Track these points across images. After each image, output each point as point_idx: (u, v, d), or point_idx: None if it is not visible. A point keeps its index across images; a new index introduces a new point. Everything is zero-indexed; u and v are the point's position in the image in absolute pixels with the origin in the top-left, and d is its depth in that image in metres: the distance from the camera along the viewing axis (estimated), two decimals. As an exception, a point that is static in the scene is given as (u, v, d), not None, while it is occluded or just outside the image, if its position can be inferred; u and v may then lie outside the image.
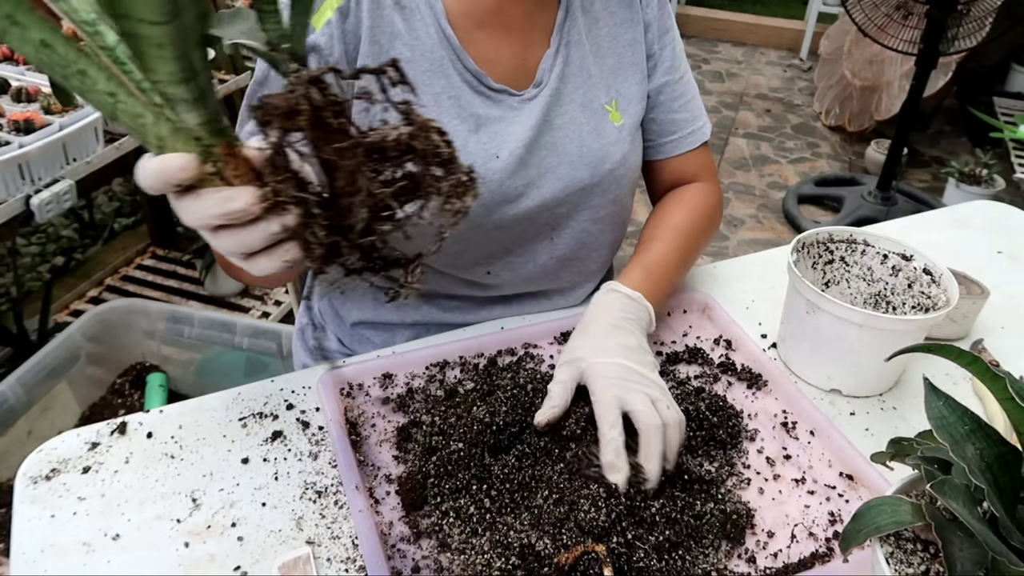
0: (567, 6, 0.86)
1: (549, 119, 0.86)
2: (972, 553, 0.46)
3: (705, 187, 0.98)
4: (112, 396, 1.69)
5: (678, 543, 0.61)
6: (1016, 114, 3.07)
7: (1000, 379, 0.48)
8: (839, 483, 0.70)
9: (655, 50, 0.93)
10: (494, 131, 0.83)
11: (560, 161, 0.86)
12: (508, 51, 0.85)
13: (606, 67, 0.89)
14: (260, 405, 0.77)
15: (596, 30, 0.89)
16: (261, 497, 0.68)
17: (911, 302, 0.83)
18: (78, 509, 0.66)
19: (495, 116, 0.84)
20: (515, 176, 0.84)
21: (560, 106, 0.86)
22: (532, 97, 0.85)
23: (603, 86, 0.89)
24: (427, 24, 0.81)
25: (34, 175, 1.47)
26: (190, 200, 0.46)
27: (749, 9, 4.72)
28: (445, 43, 0.81)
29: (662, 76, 0.93)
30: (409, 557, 0.62)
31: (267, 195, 0.46)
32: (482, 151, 0.82)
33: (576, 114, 0.87)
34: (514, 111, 0.84)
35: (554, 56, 0.86)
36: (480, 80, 0.83)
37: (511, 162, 0.83)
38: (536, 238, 0.89)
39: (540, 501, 0.63)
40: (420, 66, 0.81)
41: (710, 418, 0.73)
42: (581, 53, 0.87)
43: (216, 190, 0.46)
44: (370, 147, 0.47)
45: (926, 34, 2.39)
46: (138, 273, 2.21)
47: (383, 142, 0.47)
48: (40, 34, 0.38)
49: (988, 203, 1.22)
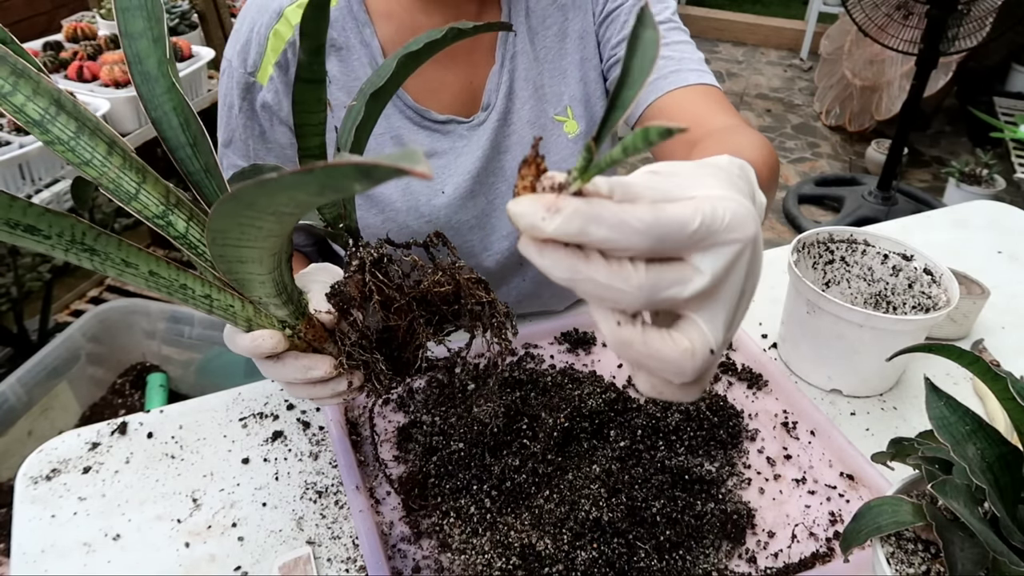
0: (508, 15, 0.82)
1: (497, 143, 0.82)
2: (973, 553, 0.46)
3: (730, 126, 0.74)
4: (112, 396, 1.69)
5: (679, 543, 0.61)
6: (1016, 114, 3.06)
7: (1001, 379, 0.48)
8: (840, 483, 0.69)
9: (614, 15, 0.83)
10: (441, 165, 0.81)
11: (510, 186, 0.83)
12: (453, 76, 0.81)
13: (556, 71, 0.84)
14: (260, 405, 0.77)
15: (544, 31, 0.83)
16: (262, 497, 0.68)
17: (911, 302, 0.83)
18: (78, 509, 0.66)
19: (444, 149, 0.81)
20: (463, 209, 0.82)
21: (507, 127, 0.83)
22: (481, 122, 0.82)
23: (554, 95, 0.84)
24: (363, 64, 0.78)
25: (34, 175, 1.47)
26: (275, 365, 0.52)
27: (749, 9, 4.72)
28: None
29: (620, 31, 0.83)
30: (409, 557, 0.62)
31: (342, 363, 0.53)
32: (426, 188, 0.80)
33: (524, 133, 0.83)
34: (463, 140, 0.82)
35: (499, 73, 0.82)
36: (424, 116, 0.80)
37: (457, 196, 0.81)
38: (505, 266, 0.88)
39: (540, 501, 0.63)
40: None
41: (711, 418, 0.73)
42: (527, 63, 0.83)
43: (297, 358, 0.52)
44: (421, 299, 0.54)
45: (926, 34, 2.39)
46: (138, 273, 2.21)
47: (432, 295, 0.55)
48: (147, 267, 0.44)
49: (988, 203, 1.22)
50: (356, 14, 0.77)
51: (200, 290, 0.47)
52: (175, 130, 0.52)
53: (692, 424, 0.72)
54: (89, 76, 1.71)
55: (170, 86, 0.52)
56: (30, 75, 0.46)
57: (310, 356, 0.52)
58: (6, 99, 0.45)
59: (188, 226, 0.50)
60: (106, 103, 1.61)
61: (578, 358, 0.84)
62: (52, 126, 0.46)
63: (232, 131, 0.81)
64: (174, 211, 0.49)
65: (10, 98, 0.46)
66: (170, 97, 0.52)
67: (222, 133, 0.82)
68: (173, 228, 0.49)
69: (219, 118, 0.82)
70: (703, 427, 0.72)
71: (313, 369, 0.52)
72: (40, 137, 0.46)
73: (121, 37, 0.52)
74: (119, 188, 0.48)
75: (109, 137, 0.48)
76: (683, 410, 0.72)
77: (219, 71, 0.82)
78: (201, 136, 0.52)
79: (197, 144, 0.52)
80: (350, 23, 0.77)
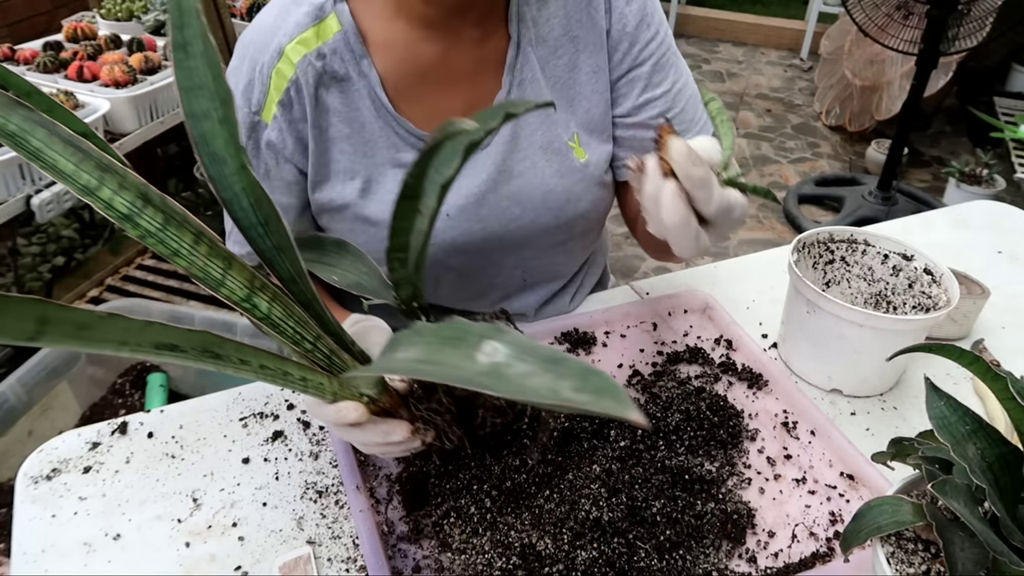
0: (518, 42, 0.80)
1: (508, 167, 0.82)
2: (973, 553, 0.46)
3: None
4: (113, 396, 1.69)
5: (679, 543, 0.61)
6: (1016, 114, 3.06)
7: (1001, 379, 0.48)
8: (840, 483, 0.69)
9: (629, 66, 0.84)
10: None
11: (524, 210, 0.83)
12: (458, 101, 0.81)
13: (565, 100, 0.83)
14: (261, 405, 0.77)
15: (555, 60, 0.82)
16: (262, 497, 0.68)
17: (912, 302, 0.83)
18: (79, 509, 0.66)
19: None
20: (468, 233, 0.82)
21: (517, 152, 0.82)
22: (485, 146, 0.81)
23: (564, 122, 0.83)
24: (362, 95, 0.78)
25: (35, 175, 1.47)
26: (355, 431, 0.56)
27: (749, 9, 4.72)
28: (383, 111, 0.78)
29: (640, 95, 0.84)
30: (410, 557, 0.62)
31: (417, 428, 0.57)
32: None
33: (537, 158, 0.82)
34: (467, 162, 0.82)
35: (506, 98, 0.81)
36: (425, 141, 0.79)
37: (462, 219, 0.81)
38: (509, 282, 0.89)
39: (541, 501, 0.63)
40: (360, 138, 0.79)
41: (711, 418, 0.73)
42: (536, 90, 0.82)
43: (376, 423, 0.56)
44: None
45: (927, 34, 2.39)
46: (139, 273, 2.21)
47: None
48: (258, 361, 0.48)
49: (989, 203, 1.22)
50: (353, 46, 0.77)
51: (297, 373, 0.52)
52: (245, 210, 0.54)
53: (692, 424, 0.72)
54: (89, 76, 1.71)
55: (240, 167, 0.53)
56: (115, 169, 0.48)
57: (388, 422, 0.56)
58: (94, 194, 0.47)
59: (271, 307, 0.52)
60: (106, 103, 1.61)
61: (578, 358, 0.84)
62: (140, 219, 0.48)
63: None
64: (257, 294, 0.52)
65: (97, 193, 0.47)
66: (240, 178, 0.53)
67: (229, 223, 0.82)
68: (257, 310, 0.52)
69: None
70: (703, 427, 0.72)
71: (392, 434, 0.56)
72: (131, 232, 0.48)
73: (186, 117, 0.53)
74: (207, 275, 0.50)
75: (196, 228, 0.49)
76: (683, 410, 0.73)
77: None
78: (273, 216, 0.54)
79: (269, 224, 0.54)
80: (347, 54, 0.77)
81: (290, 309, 0.53)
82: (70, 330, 0.37)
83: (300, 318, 0.54)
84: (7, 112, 0.47)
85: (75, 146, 0.47)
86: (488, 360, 0.39)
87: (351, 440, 0.59)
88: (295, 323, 0.54)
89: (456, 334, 0.45)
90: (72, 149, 0.47)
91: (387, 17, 0.78)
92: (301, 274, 0.57)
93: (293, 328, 0.54)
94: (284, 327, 0.53)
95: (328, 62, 0.77)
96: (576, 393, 0.34)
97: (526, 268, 0.89)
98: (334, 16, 0.77)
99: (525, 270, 0.90)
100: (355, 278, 0.67)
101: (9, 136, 0.47)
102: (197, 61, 0.53)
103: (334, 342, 0.57)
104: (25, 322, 0.35)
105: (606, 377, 0.35)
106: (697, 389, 0.78)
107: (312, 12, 0.77)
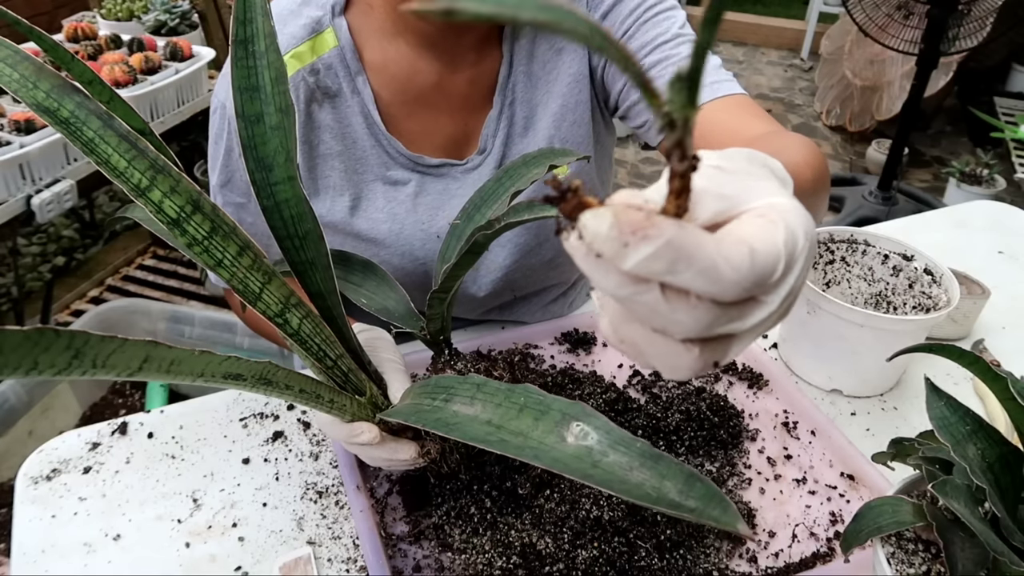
0: (510, 60, 0.80)
1: None
2: (973, 553, 0.46)
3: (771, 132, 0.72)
4: (113, 396, 1.69)
5: (679, 542, 0.61)
6: (1017, 114, 3.06)
7: (1001, 379, 0.48)
8: (840, 483, 0.69)
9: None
10: (433, 204, 0.81)
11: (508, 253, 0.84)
12: (448, 120, 0.81)
13: (549, 112, 0.82)
14: (261, 405, 0.77)
15: (545, 76, 0.82)
16: (262, 497, 0.68)
17: (912, 302, 0.83)
18: (79, 509, 0.66)
19: (436, 189, 0.81)
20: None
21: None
22: (476, 166, 0.81)
23: (546, 138, 0.82)
24: (355, 112, 0.78)
25: (35, 175, 1.47)
26: (367, 448, 0.59)
27: (750, 9, 4.72)
28: (375, 129, 0.78)
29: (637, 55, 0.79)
30: (410, 557, 0.62)
31: (424, 451, 0.60)
32: (420, 232, 0.81)
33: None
34: (457, 182, 0.82)
35: (497, 119, 0.81)
36: (416, 162, 0.80)
37: None
38: (492, 293, 0.89)
39: (541, 500, 0.63)
40: (351, 155, 0.79)
41: (711, 418, 0.73)
42: (525, 111, 0.82)
43: (385, 441, 0.58)
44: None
45: (927, 34, 2.39)
46: (139, 273, 2.21)
47: None
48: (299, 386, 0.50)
49: (989, 203, 1.22)
50: (349, 62, 0.77)
51: (327, 396, 0.54)
52: (285, 222, 0.54)
53: (692, 424, 0.72)
54: (89, 76, 1.71)
55: (287, 177, 0.53)
56: (169, 171, 0.46)
57: (398, 442, 0.59)
58: (145, 195, 0.46)
59: (301, 323, 0.53)
60: (106, 103, 1.61)
61: (578, 358, 0.84)
62: (188, 225, 0.47)
63: (232, 172, 0.81)
64: (291, 310, 0.52)
65: (148, 194, 0.46)
66: (285, 188, 0.53)
67: (219, 174, 0.81)
68: (288, 325, 0.52)
69: (212, 158, 0.82)
70: (703, 427, 0.72)
71: (399, 452, 0.59)
72: (178, 238, 0.47)
73: (237, 117, 0.53)
74: (247, 288, 0.50)
75: (243, 240, 0.49)
76: (683, 410, 0.72)
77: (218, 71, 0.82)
78: (314, 233, 0.55)
79: (307, 238, 0.55)
80: (342, 70, 0.77)
81: (319, 327, 0.54)
82: (164, 365, 0.38)
83: (327, 336, 0.54)
84: (61, 96, 0.45)
85: (130, 142, 0.46)
86: (578, 443, 0.37)
87: (359, 454, 0.61)
88: (322, 340, 0.54)
89: (535, 404, 0.43)
90: (127, 145, 0.46)
91: (386, 34, 0.77)
92: (332, 292, 0.57)
93: (319, 345, 0.54)
94: (311, 344, 0.54)
95: (321, 78, 0.76)
96: (683, 498, 0.33)
97: (516, 288, 0.90)
98: (331, 31, 0.77)
99: (514, 289, 0.90)
100: (382, 302, 0.68)
101: (63, 123, 0.45)
102: (259, 62, 0.51)
103: (353, 361, 0.57)
104: (133, 360, 0.36)
105: (711, 484, 0.33)
106: (697, 389, 0.78)
107: (309, 25, 0.76)
